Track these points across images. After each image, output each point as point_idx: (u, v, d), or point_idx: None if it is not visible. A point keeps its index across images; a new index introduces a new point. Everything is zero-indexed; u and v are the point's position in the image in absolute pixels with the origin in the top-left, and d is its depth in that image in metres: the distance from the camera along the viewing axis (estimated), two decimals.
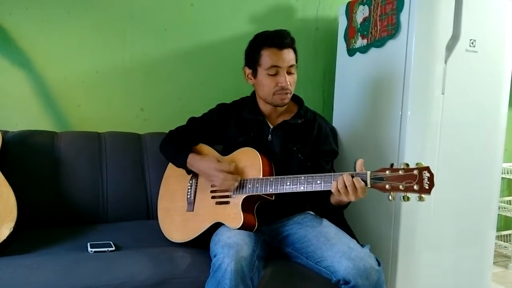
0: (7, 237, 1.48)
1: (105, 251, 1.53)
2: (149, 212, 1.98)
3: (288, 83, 1.61)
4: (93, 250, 1.53)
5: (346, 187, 1.37)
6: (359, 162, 1.40)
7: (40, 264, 1.41)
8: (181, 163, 1.72)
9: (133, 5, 2.18)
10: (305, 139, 1.70)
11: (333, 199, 1.53)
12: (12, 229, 1.50)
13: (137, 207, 1.98)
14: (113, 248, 1.56)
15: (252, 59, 1.67)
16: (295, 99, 1.76)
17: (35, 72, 2.05)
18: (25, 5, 2.01)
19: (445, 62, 1.91)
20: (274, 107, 1.68)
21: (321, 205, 1.62)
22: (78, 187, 1.90)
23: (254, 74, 1.67)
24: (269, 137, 1.69)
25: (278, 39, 1.61)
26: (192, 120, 1.83)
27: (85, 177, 1.92)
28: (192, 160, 1.69)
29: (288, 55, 1.61)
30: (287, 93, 1.63)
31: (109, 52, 2.17)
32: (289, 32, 1.65)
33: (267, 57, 1.61)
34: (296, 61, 1.66)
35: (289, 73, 1.62)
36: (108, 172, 1.96)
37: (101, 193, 1.93)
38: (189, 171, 1.73)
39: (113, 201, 1.94)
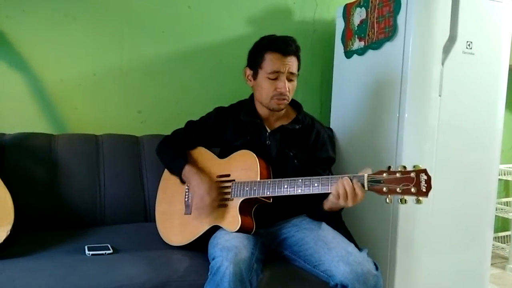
0: (4, 240, 1.47)
1: (102, 254, 1.53)
2: (147, 215, 1.98)
3: (287, 89, 1.61)
4: (91, 253, 1.53)
5: (346, 192, 1.37)
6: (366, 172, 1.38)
7: (38, 267, 1.41)
8: (176, 173, 1.72)
9: (131, 7, 2.18)
10: (302, 145, 1.70)
11: (327, 205, 1.53)
12: (9, 232, 1.49)
13: (135, 210, 1.97)
14: (111, 251, 1.56)
15: (254, 60, 1.66)
16: (294, 104, 1.76)
17: (32, 74, 2.04)
18: (22, 8, 2.01)
19: (442, 64, 1.91)
20: (271, 110, 1.68)
21: (315, 210, 1.62)
22: (75, 189, 1.89)
23: (255, 76, 1.67)
24: (267, 141, 1.68)
25: (283, 45, 1.60)
26: (190, 123, 1.83)
27: (82, 179, 1.92)
28: (188, 173, 1.67)
29: (291, 62, 1.61)
30: (284, 99, 1.63)
31: (107, 55, 2.16)
32: (295, 39, 1.65)
33: (270, 61, 1.60)
34: (299, 69, 1.66)
35: (289, 80, 1.62)
36: (106, 174, 1.95)
37: (98, 195, 1.92)
38: (183, 181, 1.72)
39: (111, 204, 1.93)
